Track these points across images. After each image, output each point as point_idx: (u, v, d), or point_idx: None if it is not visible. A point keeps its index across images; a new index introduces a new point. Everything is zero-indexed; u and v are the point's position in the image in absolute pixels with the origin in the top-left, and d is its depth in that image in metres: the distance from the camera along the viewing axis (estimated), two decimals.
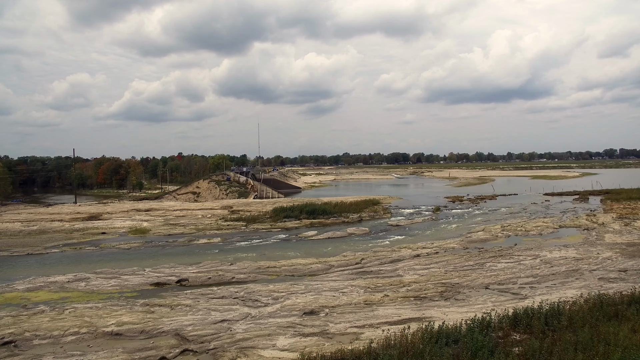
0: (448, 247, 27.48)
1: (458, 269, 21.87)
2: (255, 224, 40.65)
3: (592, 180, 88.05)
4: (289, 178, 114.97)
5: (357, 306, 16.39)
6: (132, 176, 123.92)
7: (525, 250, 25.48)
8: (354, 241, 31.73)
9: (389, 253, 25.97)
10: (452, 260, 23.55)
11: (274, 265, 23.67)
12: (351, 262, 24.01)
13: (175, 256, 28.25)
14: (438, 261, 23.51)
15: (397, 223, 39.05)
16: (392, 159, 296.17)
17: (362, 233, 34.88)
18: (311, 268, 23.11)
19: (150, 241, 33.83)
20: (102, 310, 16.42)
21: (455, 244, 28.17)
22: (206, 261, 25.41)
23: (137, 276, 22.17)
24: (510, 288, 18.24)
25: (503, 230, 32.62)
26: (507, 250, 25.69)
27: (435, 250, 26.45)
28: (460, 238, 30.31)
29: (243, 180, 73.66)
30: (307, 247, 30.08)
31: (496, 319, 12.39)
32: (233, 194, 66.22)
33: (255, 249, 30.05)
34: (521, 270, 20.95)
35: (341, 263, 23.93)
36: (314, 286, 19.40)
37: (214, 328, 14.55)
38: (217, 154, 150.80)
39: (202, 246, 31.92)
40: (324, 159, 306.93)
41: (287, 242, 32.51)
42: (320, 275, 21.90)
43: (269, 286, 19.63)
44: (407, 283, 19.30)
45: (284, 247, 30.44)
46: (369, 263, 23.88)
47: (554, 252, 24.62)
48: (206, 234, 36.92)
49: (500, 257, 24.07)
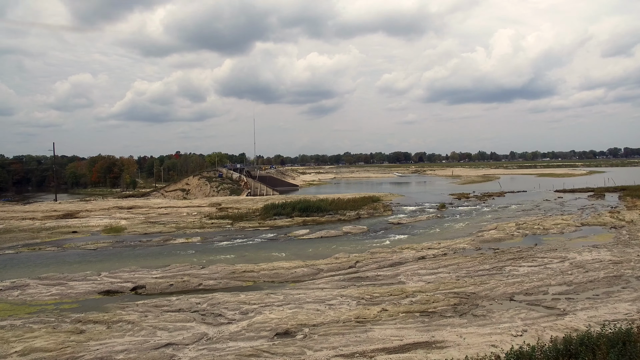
0: (457, 247, 23.69)
1: (472, 274, 18.09)
2: (242, 222, 36.94)
3: (602, 177, 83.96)
4: (287, 176, 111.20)
5: (346, 324, 12.63)
6: (126, 174, 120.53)
7: (550, 252, 21.68)
8: (350, 241, 27.98)
9: (389, 255, 22.21)
10: (464, 264, 19.77)
11: (251, 269, 19.91)
12: (344, 266, 20.24)
13: (143, 257, 24.61)
14: (447, 264, 19.73)
15: (399, 221, 35.28)
16: (393, 158, 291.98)
17: (359, 232, 31.11)
18: (295, 273, 19.35)
19: (121, 241, 30.14)
20: (15, 331, 12.69)
21: (465, 244, 24.38)
22: (175, 264, 21.71)
23: (86, 282, 18.46)
24: (542, 300, 14.46)
25: (519, 229, 28.81)
26: (528, 252, 21.90)
27: (443, 252, 22.67)
28: (470, 237, 26.51)
29: (236, 177, 69.94)
30: (296, 247, 26.34)
31: (539, 352, 8.62)
32: (225, 191, 62.52)
33: (237, 249, 26.35)
34: (550, 276, 17.15)
35: (332, 267, 20.16)
36: (295, 296, 15.65)
37: (152, 356, 10.82)
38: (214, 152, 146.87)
39: (178, 246, 28.23)
40: (324, 158, 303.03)
41: (274, 241, 28.77)
42: (305, 282, 18.15)
43: (240, 296, 15.90)
44: (410, 292, 15.53)
45: (269, 247, 26.71)
46: (365, 267, 20.12)
47: (585, 254, 20.82)
48: (186, 232, 33.25)
49: (520, 259, 20.28)
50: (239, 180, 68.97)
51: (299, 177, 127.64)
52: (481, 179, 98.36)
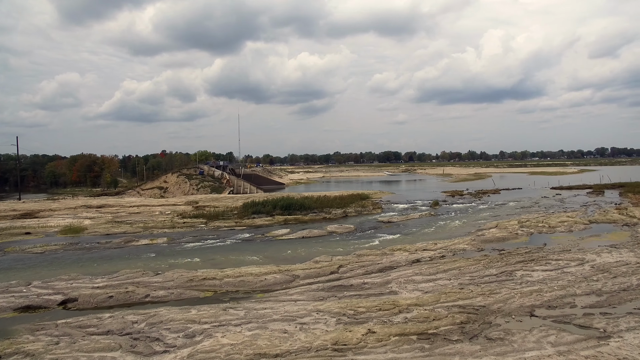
0: (457, 248, 20.63)
1: (477, 281, 15.00)
2: (217, 221, 33.54)
3: (595, 175, 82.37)
4: (274, 174, 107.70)
5: (319, 354, 9.42)
6: (107, 173, 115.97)
7: (563, 253, 18.71)
8: (334, 241, 24.77)
9: (378, 257, 19.04)
10: (467, 268, 16.68)
11: (213, 276, 16.57)
12: (324, 271, 17.01)
13: (94, 262, 21.15)
14: (447, 269, 16.61)
15: (389, 219, 32.18)
16: (383, 157, 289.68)
17: (346, 231, 27.93)
18: (265, 280, 16.07)
19: (76, 243, 26.55)
20: None
21: (465, 245, 21.33)
22: (125, 270, 18.27)
23: (4, 296, 14.95)
24: (571, 315, 11.39)
25: (522, 227, 25.88)
26: (538, 253, 18.91)
27: (441, 253, 19.58)
28: (470, 237, 23.47)
29: (218, 175, 66.32)
30: (272, 249, 23.06)
31: None
32: (205, 189, 58.88)
33: (205, 251, 22.99)
34: (572, 284, 14.13)
35: (310, 272, 16.90)
36: (260, 312, 12.39)
37: None
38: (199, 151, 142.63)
39: (140, 248, 24.76)
40: (314, 158, 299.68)
41: (249, 242, 25.44)
42: (276, 292, 14.89)
43: (191, 311, 12.58)
44: (404, 306, 12.36)
45: (242, 249, 23.38)
46: (350, 272, 16.92)
47: (604, 256, 17.89)
48: (153, 233, 29.75)
49: (532, 262, 17.26)
50: (221, 177, 65.38)
51: (287, 176, 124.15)
52: (473, 177, 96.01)
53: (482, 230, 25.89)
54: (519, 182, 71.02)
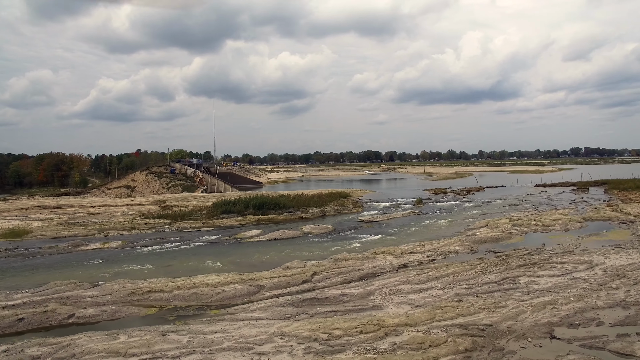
0: (447, 250, 18.25)
1: (476, 289, 12.59)
2: (183, 221, 30.46)
3: (574, 173, 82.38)
4: (251, 173, 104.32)
5: None
6: (76, 173, 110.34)
7: (566, 254, 16.55)
8: (310, 243, 22.12)
9: (359, 262, 16.48)
10: (462, 274, 14.28)
11: (161, 288, 13.68)
12: (295, 280, 14.33)
13: (26, 271, 17.93)
14: (439, 275, 14.16)
15: (371, 219, 29.73)
16: (364, 157, 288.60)
17: (323, 232, 25.32)
18: (224, 292, 13.29)
19: (13, 249, 23.16)
20: None
21: (456, 246, 18.98)
22: (56, 281, 15.17)
23: None
24: (602, 337, 9.03)
25: (514, 226, 23.78)
26: (538, 254, 16.71)
27: (430, 257, 17.15)
28: (460, 237, 21.17)
29: (190, 173, 62.79)
30: (239, 253, 20.25)
31: None
32: (176, 188, 55.38)
33: (162, 256, 20.02)
34: (589, 292, 11.86)
35: (278, 282, 14.19)
36: (209, 337, 9.62)
37: None
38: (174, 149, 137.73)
39: (89, 253, 21.59)
40: (294, 157, 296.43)
41: (214, 245, 22.55)
42: (235, 308, 12.15)
43: (119, 338, 9.72)
44: (391, 327, 9.79)
45: (205, 253, 20.50)
46: (325, 281, 14.30)
47: (612, 257, 15.79)
48: (108, 235, 26.49)
49: (534, 265, 14.99)
50: (194, 176, 61.88)
51: (266, 175, 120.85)
52: (454, 176, 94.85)
53: (472, 229, 23.67)
54: (501, 180, 69.85)
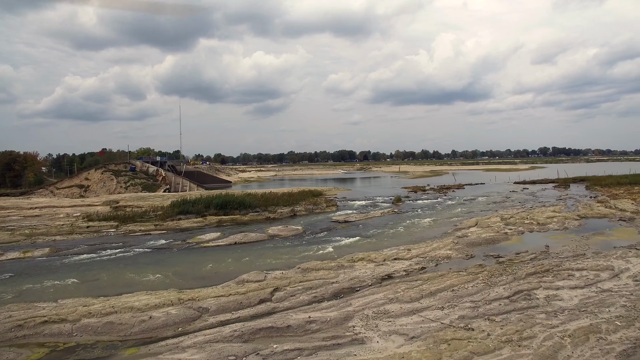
0: (438, 255, 15.27)
1: (486, 309, 9.59)
2: (133, 224, 26.50)
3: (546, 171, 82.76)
4: (221, 172, 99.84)
5: None
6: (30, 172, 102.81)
7: (578, 259, 13.87)
8: (275, 248, 18.78)
9: (333, 273, 13.27)
10: (462, 287, 11.27)
11: (64, 317, 10.05)
12: (250, 300, 10.96)
13: None
14: (435, 290, 11.10)
15: (346, 218, 26.62)
16: (338, 156, 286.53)
17: (292, 234, 22.02)
18: (151, 320, 9.79)
19: None
20: None
21: (447, 250, 16.03)
22: None
23: None
24: None
25: (507, 225, 21.17)
26: (546, 259, 13.98)
27: (419, 264, 14.13)
28: (450, 239, 18.28)
29: (152, 171, 58.23)
30: (188, 261, 16.71)
31: None
32: (135, 187, 50.82)
33: (92, 267, 16.24)
34: (633, 312, 9.05)
35: (227, 303, 10.79)
36: None
37: None
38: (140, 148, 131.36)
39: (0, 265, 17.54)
40: (268, 157, 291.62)
41: (162, 252, 18.88)
42: (161, 345, 8.69)
43: None
44: None
45: (146, 262, 16.83)
46: (289, 299, 11.00)
47: (634, 261, 13.22)
48: (37, 242, 22.34)
49: (547, 274, 12.18)
50: (156, 174, 57.36)
51: (237, 174, 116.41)
52: (430, 174, 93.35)
53: (461, 229, 20.91)
54: (478, 178, 68.44)
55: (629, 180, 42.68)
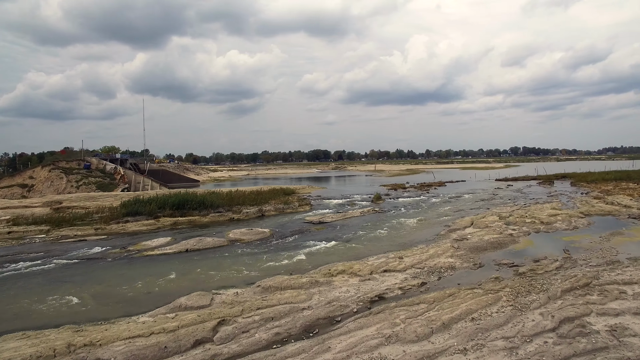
0: (439, 265, 12.03)
1: (531, 353, 6.33)
2: (69, 228, 22.27)
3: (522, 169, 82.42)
4: (190, 171, 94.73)
5: None
6: None
7: (617, 268, 10.94)
8: (235, 257, 15.15)
9: (303, 293, 9.79)
10: (485, 315, 8.02)
11: None
12: (180, 343, 7.34)
13: None
14: (447, 320, 7.79)
15: (321, 219, 23.22)
16: (312, 156, 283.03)
17: (257, 238, 18.43)
18: None
19: None
20: None
21: (448, 257, 12.83)
22: None
23: None
24: None
25: (508, 224, 18.26)
26: (575, 268, 10.98)
27: (417, 278, 10.83)
28: (446, 242, 15.15)
29: (110, 169, 53.21)
30: (120, 277, 12.88)
31: None
32: (89, 186, 45.86)
33: None
34: None
35: (142, 350, 7.12)
36: None
37: None
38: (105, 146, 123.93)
39: None
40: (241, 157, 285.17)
41: (91, 263, 14.94)
42: None
43: None
44: None
45: (66, 279, 12.92)
46: (237, 339, 7.44)
47: None
48: None
49: (590, 290, 9.13)
50: (114, 172, 52.40)
51: (208, 174, 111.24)
52: (406, 172, 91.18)
53: (455, 230, 17.85)
54: (457, 176, 66.48)
55: (613, 176, 41.32)
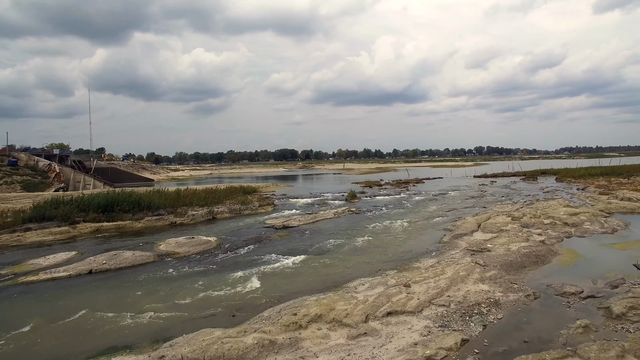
0: (472, 300, 7.54)
1: None
2: None
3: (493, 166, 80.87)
4: (146, 170, 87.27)
5: None
6: None
7: None
8: (154, 283, 10.15)
9: None
10: None
11: None
12: None
13: None
14: None
15: (285, 223, 18.42)
16: (279, 155, 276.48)
17: (198, 251, 13.43)
18: None
19: None
20: None
21: (478, 282, 8.34)
22: None
23: None
24: None
25: (524, 226, 14.17)
26: None
27: (449, 331, 6.26)
28: (456, 252, 10.74)
29: (43, 166, 46.22)
30: None
31: None
32: (12, 186, 38.91)
33: None
34: None
35: None
36: None
37: None
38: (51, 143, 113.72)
39: None
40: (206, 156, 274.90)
41: None
42: None
43: None
44: None
45: None
46: None
47: None
48: None
49: None
50: (48, 170, 45.46)
51: (168, 173, 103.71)
52: (376, 170, 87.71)
53: (461, 235, 13.56)
54: (430, 174, 63.34)
55: (599, 171, 39.10)
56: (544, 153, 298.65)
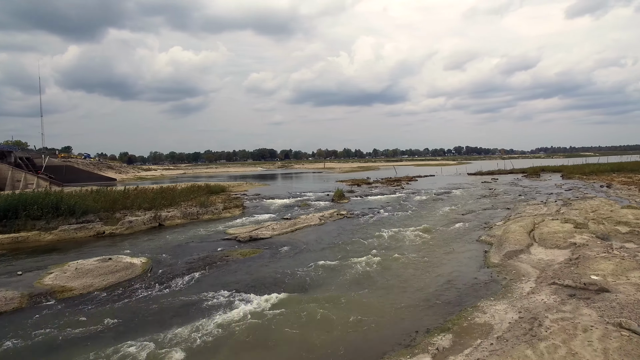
0: None
1: None
2: None
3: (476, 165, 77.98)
4: (112, 169, 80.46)
5: None
6: None
7: None
8: None
9: None
10: None
11: None
12: None
13: None
14: None
15: (253, 233, 13.46)
16: (258, 155, 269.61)
17: (109, 284, 8.33)
18: None
19: None
20: None
21: None
22: None
23: None
24: None
25: (601, 238, 9.69)
26: None
27: None
28: (527, 283, 6.03)
29: None
30: None
31: None
32: None
33: None
34: None
35: None
36: None
37: None
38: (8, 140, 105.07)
39: None
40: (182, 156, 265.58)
41: None
42: None
43: None
44: None
45: None
46: None
47: None
48: None
49: None
50: None
51: (137, 172, 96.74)
52: (359, 169, 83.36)
53: (518, 252, 8.98)
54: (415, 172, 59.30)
55: (609, 167, 35.84)
56: (521, 153, 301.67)
